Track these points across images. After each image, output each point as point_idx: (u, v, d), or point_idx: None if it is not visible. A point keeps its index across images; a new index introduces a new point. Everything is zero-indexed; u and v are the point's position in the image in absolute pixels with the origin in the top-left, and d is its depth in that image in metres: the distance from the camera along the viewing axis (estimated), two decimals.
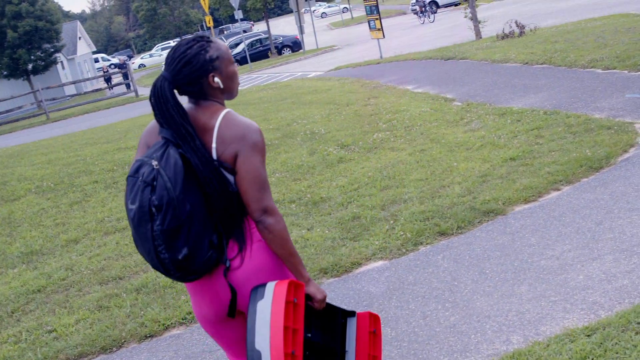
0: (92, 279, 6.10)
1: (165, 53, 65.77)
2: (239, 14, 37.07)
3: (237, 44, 42.41)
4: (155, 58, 68.94)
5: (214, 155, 2.56)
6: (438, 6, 42.24)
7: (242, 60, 38.24)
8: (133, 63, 67.71)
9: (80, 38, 57.63)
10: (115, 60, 67.93)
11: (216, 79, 2.61)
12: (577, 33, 14.85)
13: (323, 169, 8.38)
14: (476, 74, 13.30)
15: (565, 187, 6.00)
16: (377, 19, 21.63)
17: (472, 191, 6.32)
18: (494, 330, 3.92)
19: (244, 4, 42.65)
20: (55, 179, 10.55)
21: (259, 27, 66.86)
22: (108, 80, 40.91)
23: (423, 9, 37.01)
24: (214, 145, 2.56)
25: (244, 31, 46.86)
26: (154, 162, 2.46)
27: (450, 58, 16.37)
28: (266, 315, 2.47)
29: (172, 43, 68.47)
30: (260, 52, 41.38)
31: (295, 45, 40.61)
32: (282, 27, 65.06)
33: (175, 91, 2.61)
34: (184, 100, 2.64)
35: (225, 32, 68.51)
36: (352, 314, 2.94)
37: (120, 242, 7.07)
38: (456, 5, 40.71)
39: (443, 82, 13.43)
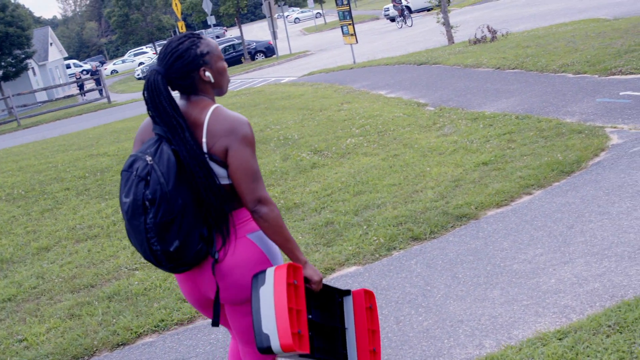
0: (63, 287, 6.04)
1: (137, 59, 65.51)
2: (211, 20, 36.99)
3: None
4: (128, 64, 68.52)
5: (204, 149, 2.63)
6: (411, 11, 42.44)
7: None
8: (105, 69, 67.30)
9: (51, 44, 57.06)
10: (87, 67, 67.39)
11: (207, 73, 2.71)
12: (548, 38, 15.00)
13: (296, 174, 8.37)
14: (449, 79, 13.37)
15: (536, 191, 6.04)
16: (350, 24, 21.68)
17: (445, 196, 6.35)
18: (467, 334, 3.93)
19: (217, 9, 42.57)
20: (26, 186, 10.43)
21: (232, 33, 66.70)
22: (81, 86, 40.59)
23: (401, 12, 37.09)
24: (204, 139, 2.63)
25: (217, 37, 46.78)
26: (148, 158, 2.56)
27: (423, 63, 16.44)
28: (269, 299, 2.56)
29: (145, 49, 68.27)
30: (233, 57, 41.35)
31: (268, 51, 40.65)
32: (255, 32, 65.03)
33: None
34: (176, 97, 2.70)
35: None
36: (347, 292, 3.03)
37: (92, 249, 7.00)
38: (428, 10, 40.96)
39: (416, 87, 13.48)
